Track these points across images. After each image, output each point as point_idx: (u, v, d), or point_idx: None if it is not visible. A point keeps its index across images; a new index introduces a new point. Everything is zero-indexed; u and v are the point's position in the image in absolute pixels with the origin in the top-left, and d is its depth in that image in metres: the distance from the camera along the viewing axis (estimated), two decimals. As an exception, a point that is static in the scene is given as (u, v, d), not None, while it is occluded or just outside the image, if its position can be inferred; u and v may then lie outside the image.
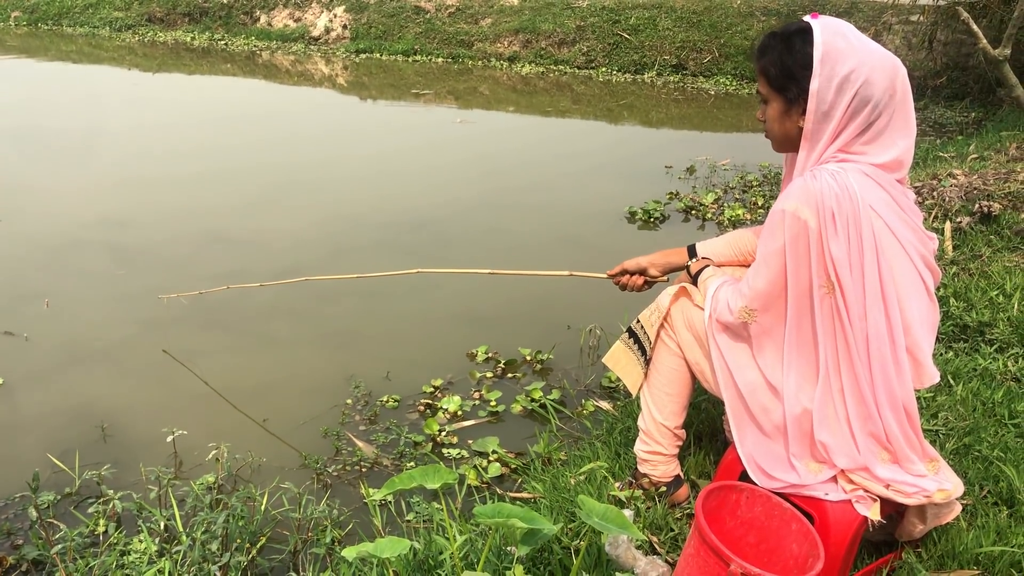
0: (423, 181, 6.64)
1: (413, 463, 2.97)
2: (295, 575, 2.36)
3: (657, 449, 2.24)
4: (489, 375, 3.59)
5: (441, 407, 3.32)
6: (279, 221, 5.52)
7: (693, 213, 5.80)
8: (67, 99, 10.06)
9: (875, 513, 1.82)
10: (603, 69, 11.95)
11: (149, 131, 8.20)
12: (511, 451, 3.02)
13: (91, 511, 2.63)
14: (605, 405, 3.26)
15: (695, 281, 2.17)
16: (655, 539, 2.14)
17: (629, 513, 2.16)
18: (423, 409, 3.33)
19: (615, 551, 1.94)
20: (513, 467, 2.93)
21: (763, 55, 1.88)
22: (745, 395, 1.95)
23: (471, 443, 3.07)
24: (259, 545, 2.47)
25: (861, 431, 1.84)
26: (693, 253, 2.27)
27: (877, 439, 1.84)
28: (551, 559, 2.00)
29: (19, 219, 5.49)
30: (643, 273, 2.36)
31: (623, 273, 2.40)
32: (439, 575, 1.93)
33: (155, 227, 5.35)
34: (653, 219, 5.63)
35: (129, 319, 4.05)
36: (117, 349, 3.78)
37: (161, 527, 2.48)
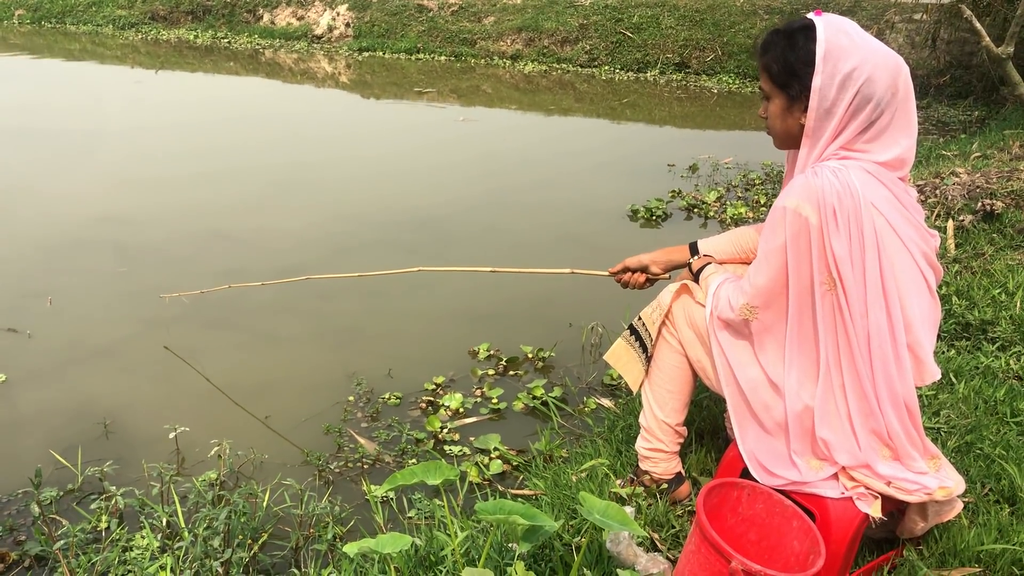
0: (425, 180, 6.64)
1: (415, 460, 2.97)
2: (297, 571, 2.37)
3: (658, 446, 2.24)
4: (491, 372, 3.59)
5: (443, 404, 3.32)
6: (281, 220, 5.53)
7: (695, 211, 5.79)
8: (70, 98, 10.08)
9: (876, 510, 1.82)
10: (606, 67, 11.95)
11: (151, 130, 8.21)
12: (513, 448, 3.02)
13: (93, 507, 2.63)
14: (606, 402, 3.27)
15: (697, 278, 2.17)
16: (656, 536, 2.15)
17: (630, 510, 2.16)
18: (425, 406, 3.34)
19: (616, 548, 1.94)
20: (515, 464, 2.93)
21: (766, 51, 1.88)
22: (746, 392, 1.95)
23: (473, 440, 3.07)
24: (261, 541, 2.47)
25: (862, 428, 1.84)
26: (695, 251, 2.27)
27: (878, 436, 1.84)
28: (552, 556, 2.01)
29: (22, 217, 5.51)
30: (645, 271, 2.36)
31: (625, 271, 2.39)
32: (440, 571, 1.93)
33: (157, 225, 5.35)
34: (655, 217, 5.63)
35: (131, 317, 4.06)
36: (119, 347, 3.79)
37: (163, 523, 2.49)
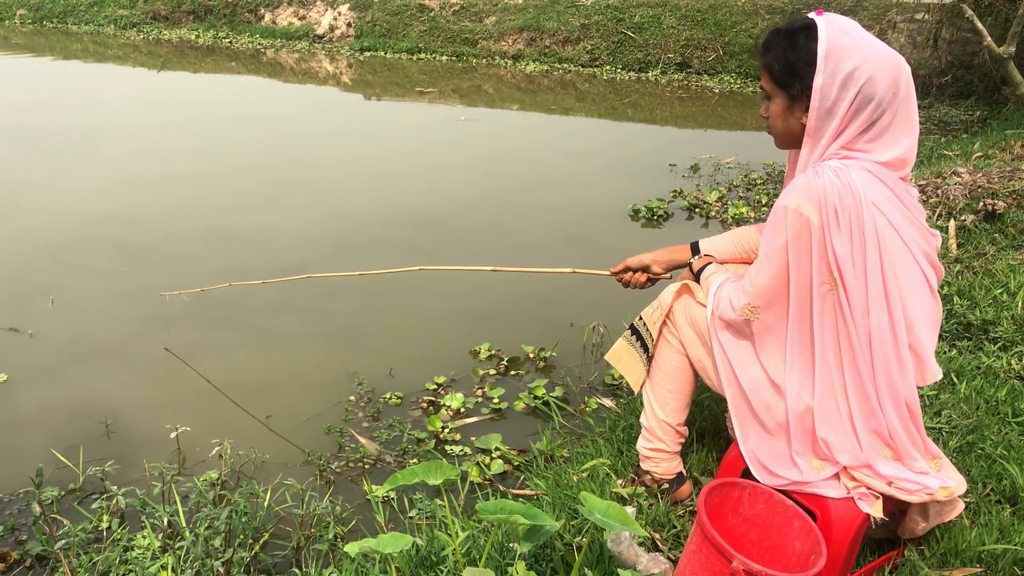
0: (426, 179, 6.64)
1: (416, 460, 2.97)
2: (298, 571, 2.37)
3: (659, 446, 2.24)
4: (492, 372, 3.59)
5: (444, 404, 3.32)
6: (282, 219, 5.53)
7: (697, 211, 5.79)
8: (71, 97, 10.09)
9: (877, 510, 1.82)
10: (607, 67, 11.94)
11: (153, 129, 8.21)
12: (514, 448, 3.02)
13: (95, 507, 2.64)
14: (608, 402, 3.27)
15: (698, 278, 2.16)
16: (657, 536, 2.15)
17: (631, 510, 2.16)
18: (426, 406, 3.34)
19: (617, 548, 1.94)
20: (516, 464, 2.93)
21: (767, 51, 1.87)
22: (748, 392, 1.95)
23: (474, 440, 3.07)
24: (262, 541, 2.47)
25: (864, 428, 1.83)
26: (696, 250, 2.27)
27: (880, 436, 1.84)
28: (553, 556, 2.01)
29: (24, 216, 5.51)
30: (646, 270, 2.36)
31: (626, 270, 2.39)
32: (442, 571, 1.93)
33: (159, 224, 5.36)
34: (656, 217, 5.62)
35: (133, 316, 4.06)
36: (121, 346, 3.80)
37: (164, 523, 2.49)
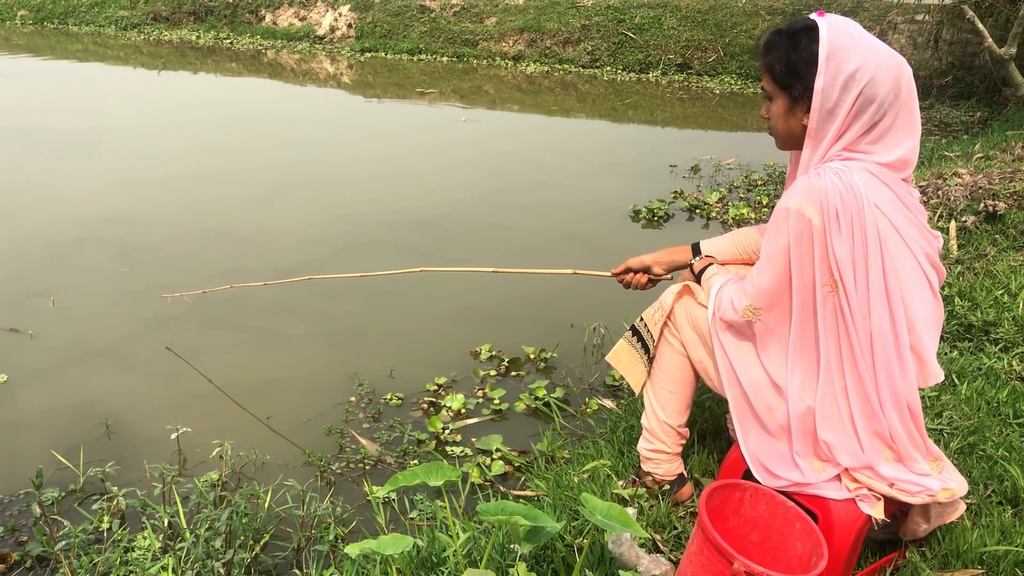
0: (427, 180, 6.64)
1: (417, 461, 2.97)
2: (298, 572, 2.37)
3: (660, 447, 2.24)
4: (493, 373, 3.59)
5: (445, 405, 3.32)
6: (283, 219, 5.53)
7: (697, 212, 5.79)
8: (72, 98, 10.09)
9: (879, 512, 1.82)
10: (608, 68, 11.94)
11: (153, 130, 8.21)
12: (514, 449, 3.02)
13: (95, 508, 2.64)
14: (608, 403, 3.26)
15: (699, 279, 2.16)
16: (658, 537, 2.14)
17: (632, 511, 2.15)
18: (427, 407, 3.34)
19: (618, 549, 1.94)
20: (516, 465, 2.93)
21: (768, 52, 1.87)
22: (749, 394, 1.95)
23: (475, 441, 3.07)
24: (263, 542, 2.47)
25: (865, 430, 1.83)
26: (697, 251, 2.26)
27: (881, 438, 1.84)
28: (554, 557, 2.00)
29: (25, 216, 5.51)
30: (647, 271, 2.36)
31: (627, 271, 2.39)
32: (442, 572, 1.93)
33: (160, 225, 5.36)
34: (657, 218, 5.62)
35: (133, 316, 4.06)
36: (121, 346, 3.79)
37: (165, 524, 2.49)
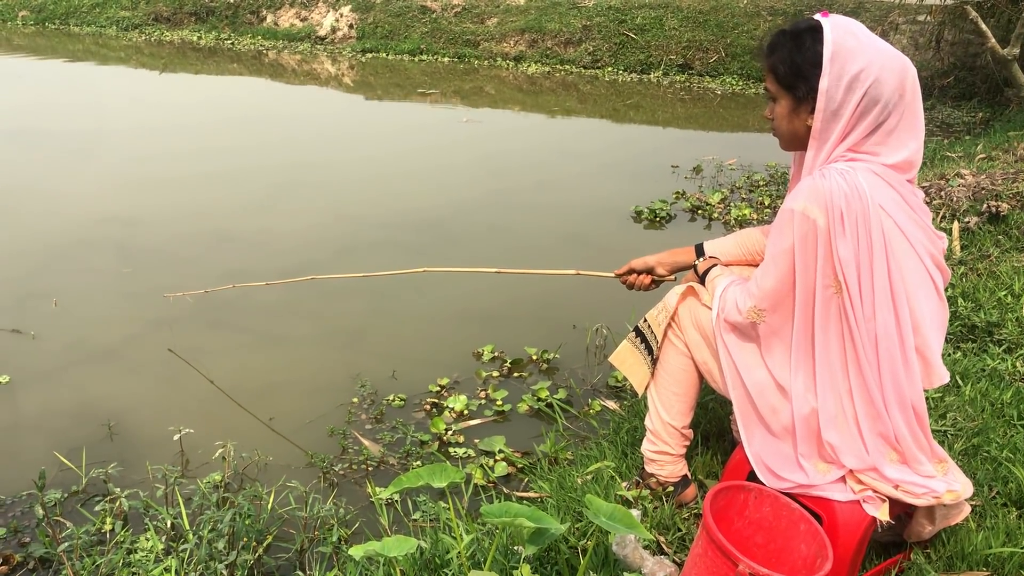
0: (429, 180, 6.64)
1: (419, 462, 2.97)
2: (302, 574, 2.36)
3: (664, 449, 2.24)
4: (495, 374, 3.58)
5: (447, 406, 3.31)
6: (285, 220, 5.53)
7: (699, 213, 5.79)
8: (73, 98, 10.09)
9: (884, 514, 1.81)
10: (609, 69, 11.94)
11: (155, 130, 8.21)
12: (517, 450, 3.02)
13: (98, 509, 2.64)
14: (611, 404, 3.26)
15: (703, 280, 2.16)
16: (662, 539, 2.14)
17: (636, 513, 2.15)
18: (429, 408, 3.33)
19: (622, 551, 1.94)
20: (519, 466, 2.93)
21: (772, 52, 1.87)
22: (753, 395, 1.94)
23: (477, 442, 3.06)
24: (265, 544, 2.47)
25: (870, 431, 1.83)
26: (701, 252, 2.26)
27: (886, 439, 1.83)
28: (558, 559, 2.00)
29: (26, 218, 5.51)
30: (650, 272, 2.36)
31: (630, 272, 2.39)
32: (446, 574, 1.93)
33: (162, 226, 5.36)
34: (659, 218, 5.62)
35: (136, 318, 4.06)
36: (123, 347, 3.79)
37: (168, 525, 2.48)
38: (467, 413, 3.29)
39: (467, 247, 5.14)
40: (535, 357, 3.70)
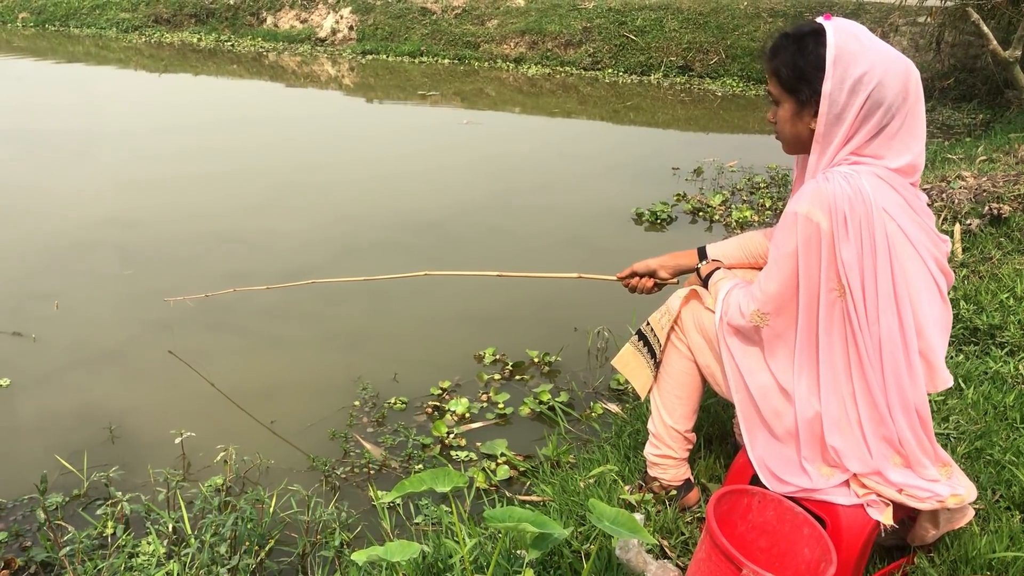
0: (430, 182, 6.63)
1: (421, 465, 2.96)
2: (303, 578, 2.36)
3: (667, 452, 2.23)
4: (497, 377, 3.58)
5: (449, 409, 3.31)
6: (286, 222, 5.52)
7: (700, 215, 5.78)
8: (74, 100, 10.08)
9: (888, 518, 1.81)
10: (609, 70, 11.94)
11: (155, 132, 8.21)
12: (519, 454, 3.01)
13: (99, 513, 2.63)
14: (614, 408, 3.25)
15: (705, 284, 2.16)
16: (666, 543, 2.13)
17: (639, 517, 2.15)
18: (431, 411, 3.33)
19: (626, 555, 1.93)
20: (522, 470, 2.92)
21: (775, 56, 1.87)
22: (757, 399, 1.94)
23: (479, 445, 3.06)
24: (268, 548, 2.46)
25: (873, 435, 1.83)
26: (703, 255, 2.26)
27: (889, 443, 1.83)
28: (561, 563, 2.00)
29: (27, 220, 5.51)
30: (653, 275, 2.35)
31: (632, 275, 2.38)
32: (449, 579, 1.93)
33: (162, 228, 5.35)
34: (660, 221, 5.62)
35: (136, 320, 4.05)
36: (124, 350, 3.79)
37: (169, 529, 2.48)
38: (469, 416, 3.29)
39: (468, 249, 5.13)
40: (537, 360, 3.69)
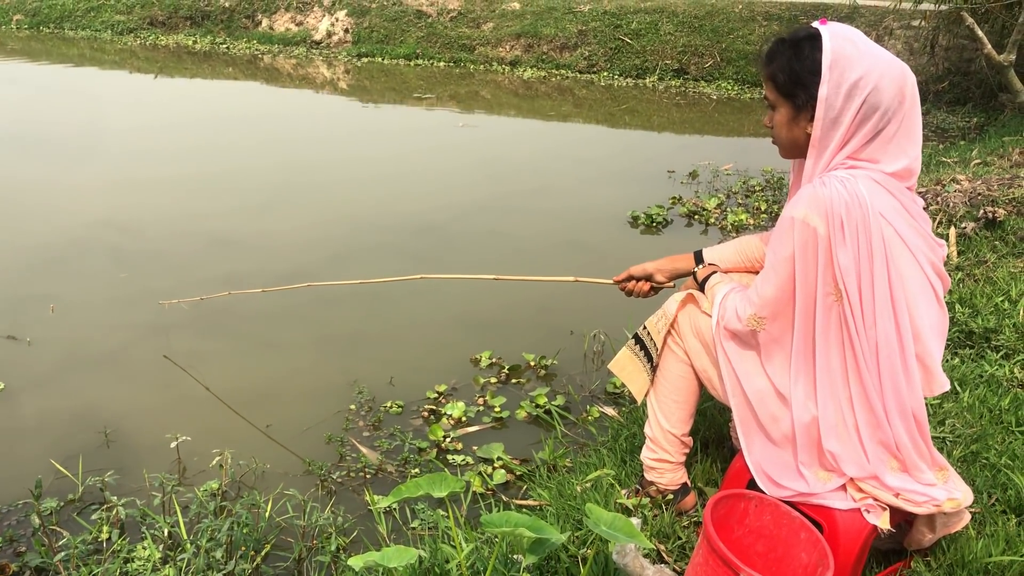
0: (425, 185, 6.63)
1: (417, 469, 2.96)
2: (299, 583, 2.35)
3: (664, 457, 2.23)
4: (493, 380, 3.58)
5: (445, 413, 3.30)
6: (281, 225, 5.51)
7: (696, 218, 5.79)
8: (69, 103, 10.05)
9: (884, 522, 1.81)
10: (605, 73, 11.95)
11: (150, 135, 8.19)
12: (516, 457, 3.01)
13: (94, 518, 2.61)
14: (610, 411, 3.25)
15: (702, 287, 2.16)
16: (663, 547, 2.13)
17: (636, 521, 2.14)
18: (427, 415, 3.32)
19: (623, 560, 1.93)
20: (518, 474, 2.92)
21: (771, 61, 1.87)
22: (753, 403, 1.94)
23: (476, 449, 3.06)
24: (263, 552, 2.45)
25: (870, 440, 1.83)
26: (700, 259, 2.26)
27: (886, 447, 1.83)
28: (558, 567, 1.99)
29: (21, 222, 5.49)
30: (649, 279, 2.35)
31: (629, 279, 2.38)
32: (445, 584, 1.92)
33: (157, 230, 5.34)
34: (656, 224, 5.62)
35: (131, 323, 4.04)
36: (119, 354, 3.78)
37: (165, 534, 2.47)
38: (465, 420, 3.28)
39: (464, 252, 5.13)
40: (533, 363, 3.69)
